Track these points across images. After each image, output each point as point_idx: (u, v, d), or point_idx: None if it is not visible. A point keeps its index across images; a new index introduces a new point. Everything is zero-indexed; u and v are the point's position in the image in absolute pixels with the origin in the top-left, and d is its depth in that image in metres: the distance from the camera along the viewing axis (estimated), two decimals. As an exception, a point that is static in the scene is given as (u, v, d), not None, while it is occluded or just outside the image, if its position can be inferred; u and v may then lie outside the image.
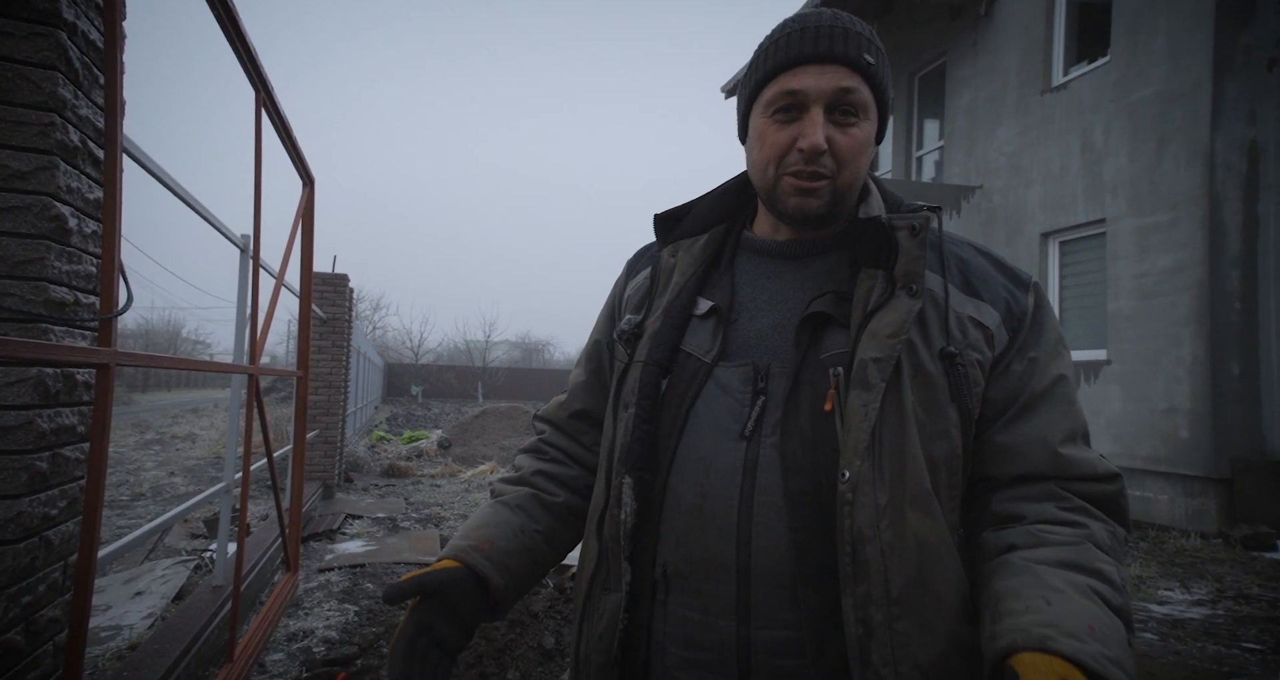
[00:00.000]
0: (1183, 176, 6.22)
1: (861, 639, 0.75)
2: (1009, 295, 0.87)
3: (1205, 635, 3.70)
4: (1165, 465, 6.25)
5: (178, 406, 24.38)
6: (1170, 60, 6.34)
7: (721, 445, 0.84)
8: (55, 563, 1.39)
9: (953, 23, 8.89)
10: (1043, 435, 0.83)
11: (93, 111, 1.46)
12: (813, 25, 0.84)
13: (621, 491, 0.88)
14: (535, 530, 0.97)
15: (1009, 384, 0.85)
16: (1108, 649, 0.67)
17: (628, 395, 0.91)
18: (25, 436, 1.27)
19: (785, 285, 0.90)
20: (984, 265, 0.89)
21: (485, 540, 0.93)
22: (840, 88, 0.82)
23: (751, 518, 0.81)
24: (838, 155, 0.83)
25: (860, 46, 0.83)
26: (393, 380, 32.38)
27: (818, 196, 0.84)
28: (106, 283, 1.46)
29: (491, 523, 0.96)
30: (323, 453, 7.09)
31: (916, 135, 10.03)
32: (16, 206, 1.28)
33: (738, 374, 0.86)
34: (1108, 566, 0.77)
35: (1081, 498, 0.82)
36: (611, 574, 0.90)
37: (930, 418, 0.81)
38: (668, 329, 0.91)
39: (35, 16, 1.28)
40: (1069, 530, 0.79)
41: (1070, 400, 0.86)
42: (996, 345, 0.85)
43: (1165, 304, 6.31)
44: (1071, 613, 0.69)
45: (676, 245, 0.97)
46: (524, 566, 0.95)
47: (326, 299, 7.19)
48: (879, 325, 0.80)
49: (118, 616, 3.44)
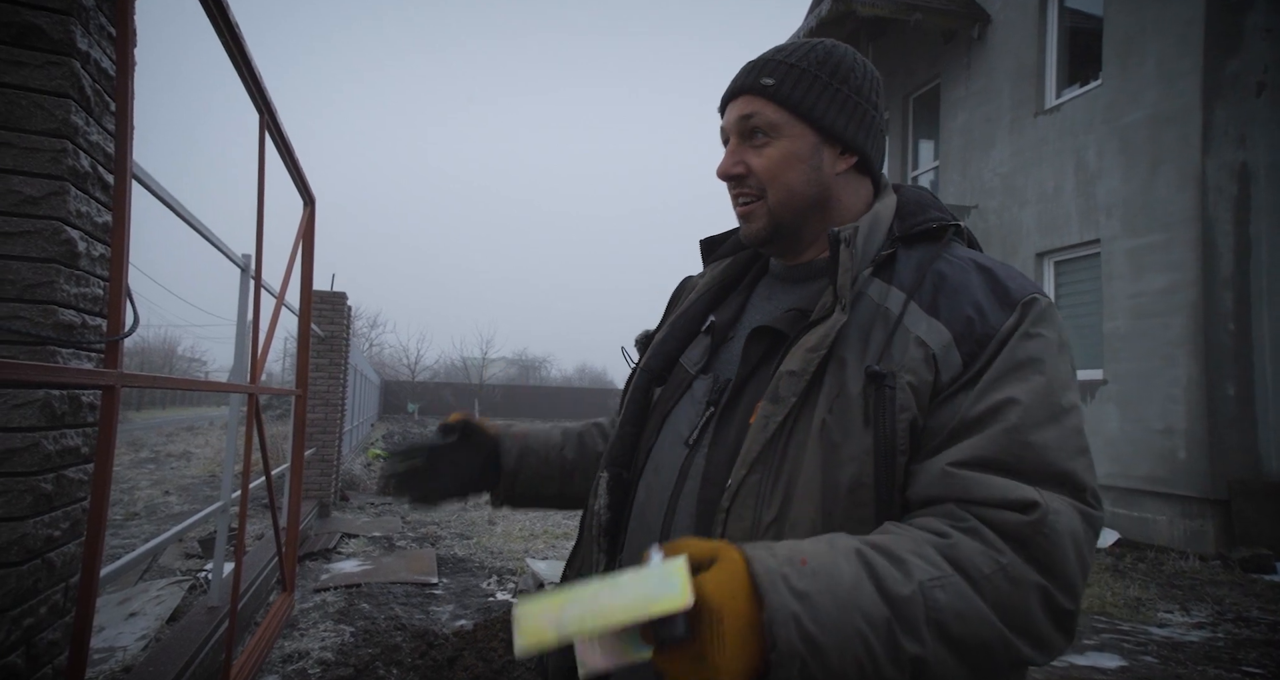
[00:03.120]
0: (1175, 198, 6.29)
1: None
2: (975, 314, 0.76)
3: (1206, 659, 3.68)
4: (1163, 486, 6.25)
5: (173, 424, 24.27)
6: (1161, 84, 6.44)
7: (673, 451, 0.88)
8: (57, 584, 1.39)
9: (946, 46, 9.03)
10: (943, 457, 0.72)
11: (103, 137, 1.49)
12: (740, 69, 0.92)
13: (599, 485, 0.94)
14: (565, 454, 1.11)
15: (947, 411, 0.74)
16: (799, 580, 0.61)
17: (624, 398, 0.99)
18: (31, 458, 1.28)
19: (777, 306, 0.93)
20: (967, 282, 0.79)
21: (520, 433, 1.11)
22: (739, 117, 0.89)
23: (673, 522, 0.84)
24: (755, 175, 0.88)
25: (760, 73, 0.88)
26: (389, 397, 32.29)
27: (754, 219, 0.90)
28: (114, 305, 1.47)
29: (536, 429, 1.13)
30: (319, 471, 7.06)
31: (911, 156, 10.14)
32: (28, 231, 1.30)
33: (704, 385, 0.90)
34: (920, 562, 0.65)
35: (981, 521, 0.68)
36: (586, 561, 0.95)
37: (844, 440, 0.74)
38: (669, 340, 0.98)
39: (50, 46, 1.31)
40: (924, 534, 0.68)
41: (1011, 427, 0.71)
42: (943, 369, 0.74)
43: (1160, 324, 6.35)
44: (801, 548, 0.65)
45: (709, 267, 1.05)
46: (537, 470, 1.10)
47: (324, 317, 7.20)
48: (807, 339, 0.79)
49: (111, 638, 3.41)
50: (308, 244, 3.77)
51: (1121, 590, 4.89)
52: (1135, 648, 3.82)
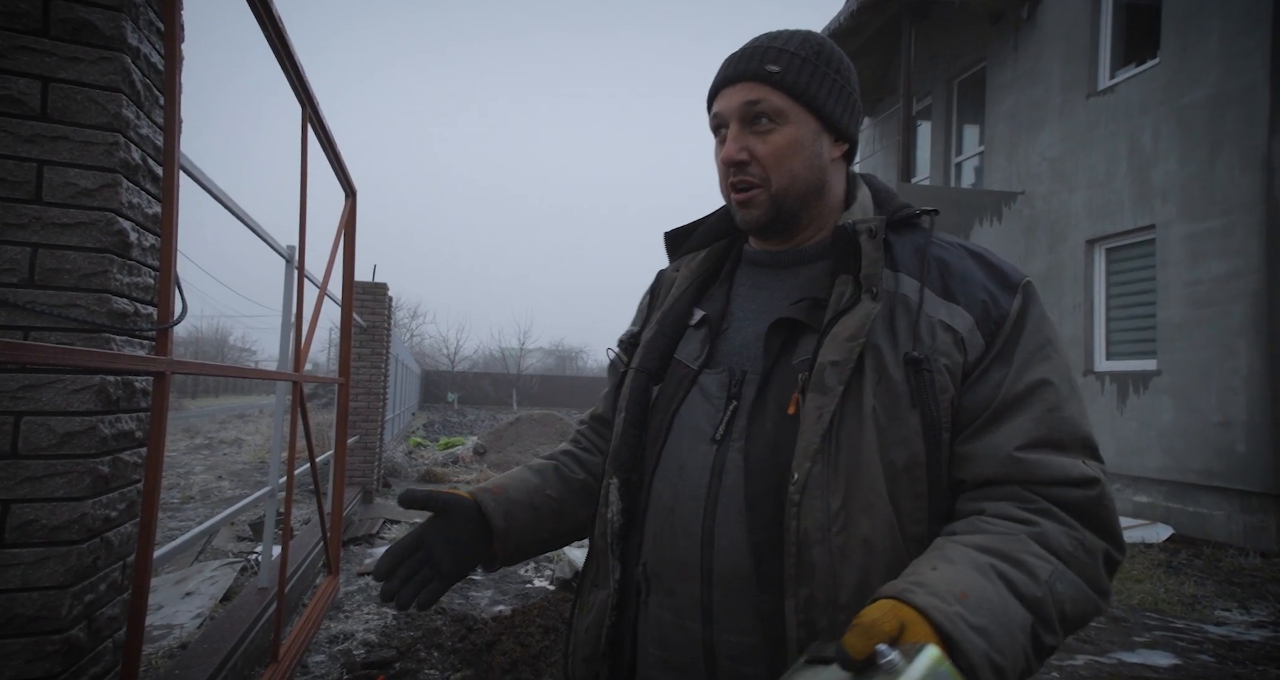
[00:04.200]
0: (1237, 181, 6.01)
1: (803, 642, 0.75)
2: (988, 297, 0.83)
3: (1266, 659, 3.54)
4: (1220, 480, 6.01)
5: (226, 412, 25.09)
6: (1224, 62, 6.15)
7: (696, 448, 0.87)
8: (115, 563, 1.45)
9: (992, 28, 8.75)
10: (1003, 441, 0.79)
11: (153, 130, 1.53)
12: (730, 56, 0.92)
13: (609, 492, 0.92)
14: (548, 495, 1.03)
15: (984, 391, 0.80)
16: (973, 616, 0.64)
17: (622, 400, 0.96)
18: (88, 441, 1.33)
19: (773, 295, 0.93)
20: (967, 267, 0.86)
21: (498, 486, 1.00)
22: (745, 102, 0.87)
23: (715, 520, 0.83)
24: (760, 162, 0.88)
25: (763, 59, 0.88)
26: (429, 387, 32.87)
27: (755, 205, 0.89)
28: (164, 294, 1.52)
29: (509, 477, 1.04)
30: (362, 458, 7.23)
31: (956, 141, 9.88)
32: (84, 222, 1.34)
33: (716, 380, 0.89)
34: (1033, 559, 0.72)
35: (1051, 502, 0.77)
36: (601, 571, 0.94)
37: (891, 423, 0.79)
38: (660, 338, 0.97)
39: (103, 42, 1.35)
40: (1013, 524, 0.75)
41: (1050, 406, 0.79)
42: (970, 350, 0.81)
43: (1219, 313, 6.09)
44: (950, 579, 0.68)
45: (680, 261, 1.03)
46: (527, 521, 0.99)
47: (366, 307, 7.34)
48: (841, 329, 0.81)
49: (169, 616, 3.55)
50: (349, 235, 3.84)
51: (1175, 587, 4.73)
52: (1190, 646, 3.69)
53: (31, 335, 1.30)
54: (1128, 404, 6.86)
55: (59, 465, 1.30)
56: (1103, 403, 7.11)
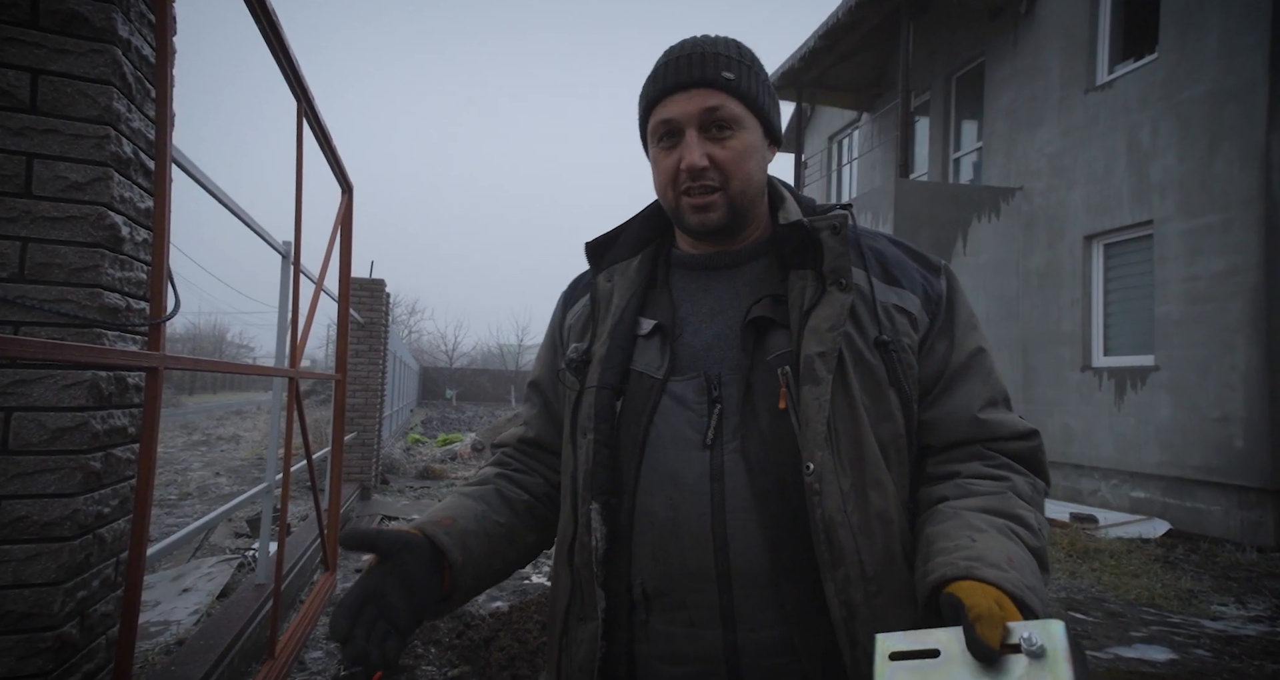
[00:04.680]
0: (1236, 177, 6.01)
1: (847, 621, 0.79)
2: (925, 281, 0.93)
3: (1263, 653, 3.54)
4: (1218, 476, 6.02)
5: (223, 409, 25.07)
6: (1223, 57, 6.14)
7: (686, 456, 0.86)
8: (108, 559, 1.44)
9: (991, 23, 8.73)
10: (964, 404, 0.90)
11: (144, 123, 1.52)
12: (675, 57, 0.91)
13: (590, 517, 0.88)
14: (497, 521, 0.96)
15: (934, 363, 0.91)
16: (1025, 577, 0.73)
17: (584, 421, 0.92)
18: (80, 437, 1.32)
19: (722, 296, 0.94)
20: (899, 255, 0.95)
21: (446, 518, 0.91)
22: (704, 108, 0.88)
23: (725, 523, 0.83)
24: (721, 167, 0.89)
25: (718, 66, 0.89)
26: (427, 384, 32.86)
27: (714, 209, 0.90)
28: (156, 289, 1.51)
29: (453, 506, 0.95)
30: (360, 455, 7.22)
31: (954, 137, 9.86)
32: (74, 216, 1.33)
33: (691, 386, 0.89)
34: (1026, 512, 0.83)
35: (1005, 456, 0.89)
36: (586, 603, 0.91)
37: (875, 403, 0.86)
38: (616, 351, 0.93)
39: (93, 34, 1.34)
40: (993, 483, 0.86)
41: (988, 370, 0.92)
42: (919, 328, 0.91)
43: (1217, 309, 6.09)
44: (993, 547, 0.75)
45: (611, 270, 1.00)
46: (483, 551, 0.91)
47: (364, 303, 7.33)
48: (817, 321, 0.85)
49: (166, 612, 3.55)
50: (346, 231, 3.83)
51: (1172, 582, 4.74)
52: (1186, 640, 3.70)
53: (22, 330, 1.29)
54: (1125, 400, 6.86)
55: (50, 461, 1.29)
56: (1100, 398, 7.11)
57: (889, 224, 7.92)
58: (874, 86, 11.27)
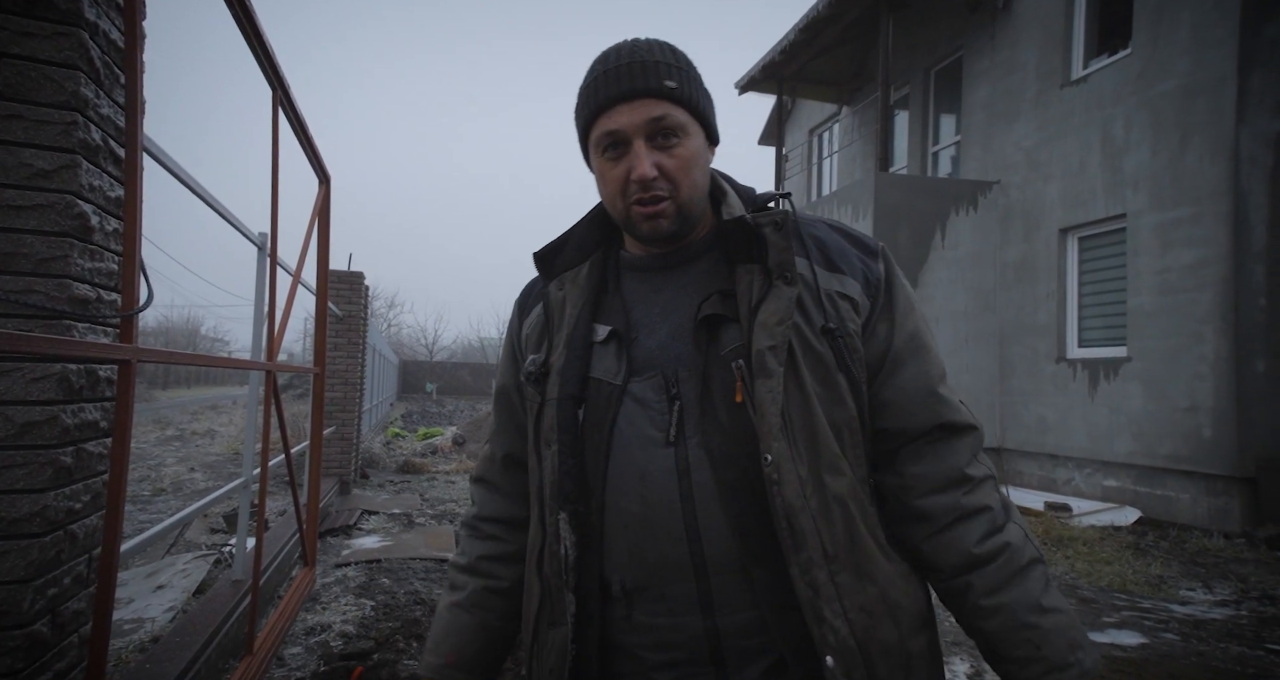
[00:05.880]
0: (1206, 171, 6.12)
1: (812, 600, 0.84)
2: (864, 266, 0.95)
3: (1229, 636, 3.64)
4: (1187, 464, 6.16)
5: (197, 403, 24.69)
6: (1194, 52, 6.24)
7: (651, 454, 0.88)
8: (80, 556, 1.41)
9: (970, 16, 8.79)
10: (914, 383, 0.94)
11: (114, 110, 1.48)
12: (613, 66, 0.91)
13: (559, 527, 0.91)
14: (494, 621, 1.06)
15: (877, 345, 0.94)
16: (1082, 650, 0.89)
17: (548, 433, 0.94)
18: (50, 431, 1.29)
19: (672, 296, 0.96)
20: (838, 241, 0.97)
21: (452, 652, 1.04)
22: (650, 118, 0.89)
23: (695, 515, 0.86)
24: (669, 175, 0.90)
25: (659, 75, 0.90)
26: (408, 377, 32.59)
27: (664, 216, 0.91)
28: (128, 280, 1.47)
29: (452, 631, 1.05)
30: (339, 449, 7.15)
31: (932, 130, 9.94)
32: (41, 205, 1.29)
33: (650, 386, 0.91)
34: (1026, 547, 0.92)
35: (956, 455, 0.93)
36: (555, 609, 0.93)
37: (826, 389, 0.89)
38: (574, 361, 0.94)
39: (58, 17, 1.30)
40: (984, 523, 0.92)
41: (929, 348, 0.96)
42: (862, 312, 0.93)
43: (1187, 300, 6.22)
44: (1056, 646, 0.88)
45: (562, 278, 1.01)
46: (495, 655, 1.06)
47: (342, 296, 7.24)
48: (766, 316, 0.87)
49: (140, 609, 3.49)
50: (323, 222, 3.78)
51: (1143, 568, 4.84)
52: (1156, 625, 3.79)
53: (-13, 322, 1.25)
54: (1098, 390, 6.98)
55: (18, 456, 1.26)
56: (1074, 389, 7.23)
57: (868, 217, 7.97)
58: (854, 80, 11.31)
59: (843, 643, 0.83)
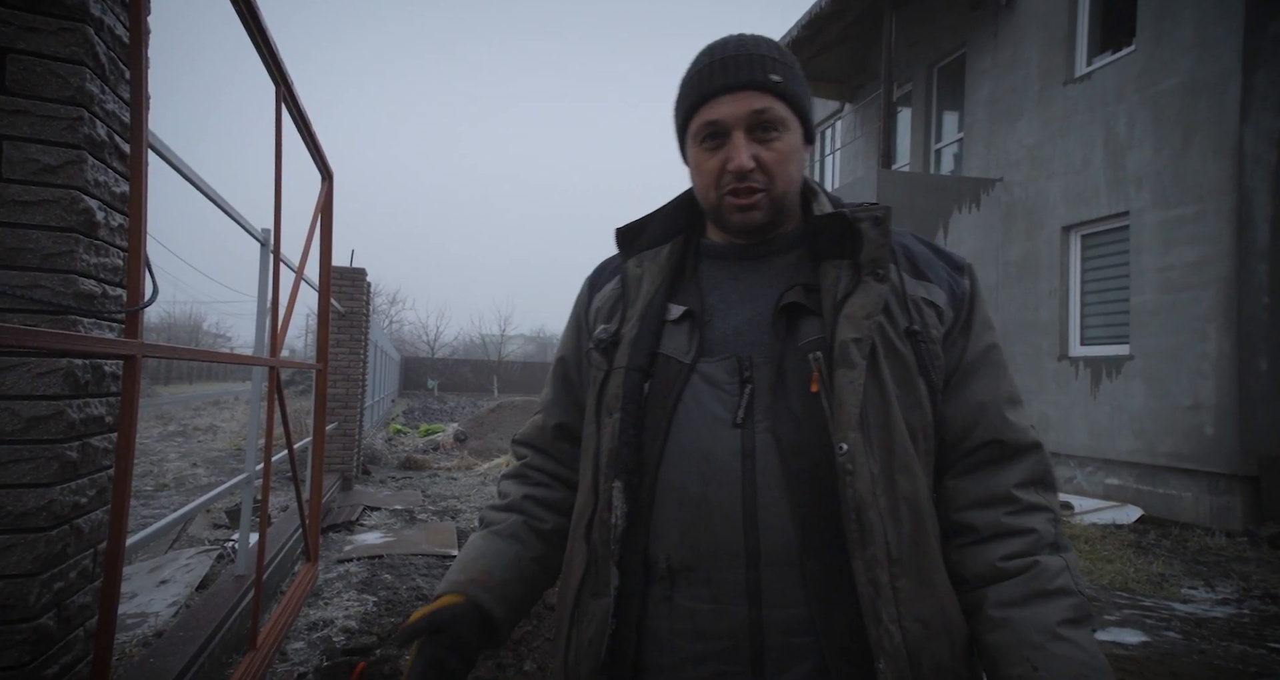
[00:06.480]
0: (1210, 169, 6.10)
1: (872, 600, 0.81)
2: (951, 279, 0.96)
3: (1230, 635, 3.64)
4: (1189, 462, 6.16)
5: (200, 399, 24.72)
6: (1197, 50, 6.22)
7: (716, 434, 0.88)
8: (85, 550, 1.42)
9: (972, 13, 8.77)
10: (980, 398, 0.92)
11: (119, 106, 1.48)
12: (719, 58, 0.92)
13: (612, 495, 0.90)
14: (530, 558, 1.03)
15: (953, 357, 0.94)
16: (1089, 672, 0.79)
17: (610, 401, 0.94)
18: (56, 426, 1.29)
19: (752, 284, 0.96)
20: (925, 252, 0.98)
21: (483, 572, 0.99)
22: (753, 110, 0.90)
23: (756, 501, 0.85)
24: (766, 169, 0.91)
25: (765, 68, 0.91)
26: (409, 374, 32.62)
27: (757, 208, 0.92)
28: (133, 275, 1.48)
29: (486, 553, 1.01)
30: (341, 445, 7.16)
31: (935, 128, 9.92)
32: (47, 200, 1.30)
33: (722, 367, 0.91)
34: (1061, 576, 0.85)
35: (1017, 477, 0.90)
36: (600, 579, 0.92)
37: (904, 391, 0.88)
38: (645, 334, 0.95)
39: (64, 12, 1.30)
40: (1020, 543, 0.87)
41: (1002, 366, 0.96)
42: (945, 322, 0.93)
43: (1190, 298, 6.21)
44: (1056, 672, 0.80)
45: (641, 256, 1.02)
46: (521, 594, 1.01)
47: (344, 293, 7.25)
48: (853, 309, 0.87)
49: (143, 604, 3.50)
50: (326, 219, 3.78)
51: (1144, 566, 4.84)
52: (1158, 623, 3.79)
53: (-7, 317, 1.26)
54: (1101, 388, 6.98)
55: (24, 450, 1.26)
56: (1076, 387, 7.23)
57: (871, 214, 7.96)
58: (856, 77, 11.28)
59: (895, 650, 0.80)
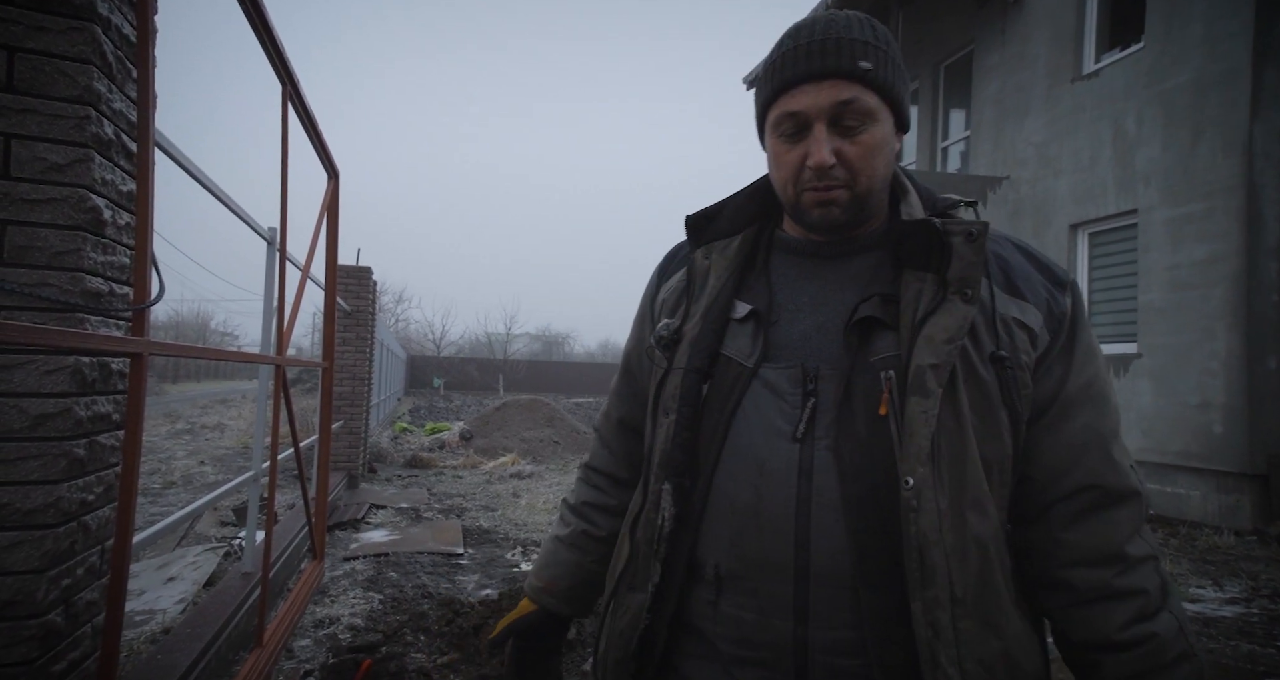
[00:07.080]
0: (1219, 166, 6.06)
1: (930, 641, 0.76)
2: (1050, 296, 0.87)
3: (1239, 634, 3.62)
4: (1197, 461, 6.12)
5: (207, 397, 24.83)
6: (1207, 46, 6.18)
7: (774, 446, 0.83)
8: (93, 547, 1.42)
9: (980, 10, 8.73)
10: (1084, 438, 0.84)
11: (126, 105, 1.49)
12: (805, 42, 0.84)
13: (660, 497, 0.89)
14: (590, 561, 1.12)
15: (1049, 385, 0.85)
16: None
17: (668, 401, 0.91)
18: (64, 424, 1.30)
19: (826, 286, 0.89)
20: (1024, 264, 0.89)
21: (551, 580, 1.12)
22: (838, 102, 0.82)
23: (810, 519, 0.81)
24: (848, 164, 0.83)
25: (855, 54, 0.82)
26: (415, 372, 32.69)
27: (838, 205, 0.85)
28: (139, 273, 1.48)
29: (553, 563, 1.14)
30: (347, 443, 7.18)
31: (942, 125, 9.88)
32: (54, 198, 1.30)
33: (786, 376, 0.85)
34: (1177, 642, 0.82)
35: (1133, 532, 0.84)
36: (639, 575, 0.91)
37: (983, 421, 0.81)
38: (707, 334, 0.90)
39: (71, 11, 1.30)
40: (1132, 609, 0.82)
41: (1106, 399, 0.87)
42: (1039, 346, 0.84)
43: (1199, 296, 6.17)
44: None
45: (710, 247, 0.96)
46: (585, 593, 1.13)
47: (350, 291, 7.26)
48: (933, 331, 0.79)
49: (151, 601, 3.52)
50: (332, 217, 3.78)
51: (1152, 566, 4.82)
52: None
53: (1, 314, 1.26)
54: (1108, 387, 6.95)
55: (32, 448, 1.27)
56: (1084, 386, 7.19)
57: (877, 212, 7.94)
58: (862, 74, 11.24)
59: None
